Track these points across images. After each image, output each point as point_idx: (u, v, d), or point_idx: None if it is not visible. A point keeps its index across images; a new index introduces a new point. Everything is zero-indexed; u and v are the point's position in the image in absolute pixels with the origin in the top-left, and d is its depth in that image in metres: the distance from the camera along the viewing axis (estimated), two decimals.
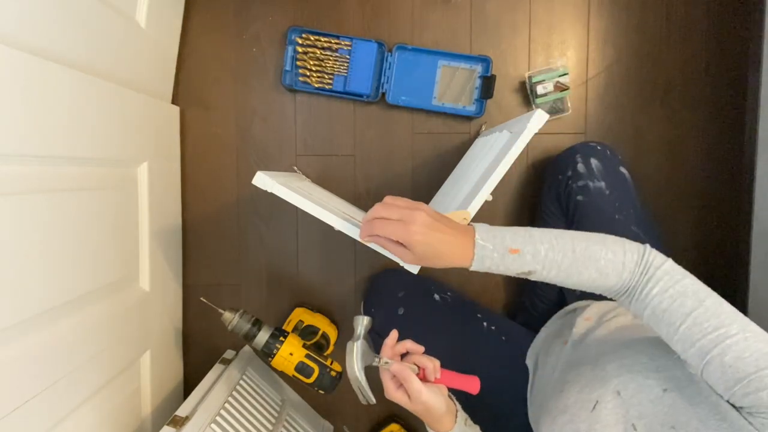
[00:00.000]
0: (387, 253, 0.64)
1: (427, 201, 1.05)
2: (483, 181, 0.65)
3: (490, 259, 0.54)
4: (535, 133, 0.63)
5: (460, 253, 0.54)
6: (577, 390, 0.56)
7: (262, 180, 0.63)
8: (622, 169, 0.84)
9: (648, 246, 0.54)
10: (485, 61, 1.00)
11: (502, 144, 0.71)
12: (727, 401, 0.45)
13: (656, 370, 0.51)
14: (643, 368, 0.52)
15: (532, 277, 0.55)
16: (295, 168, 1.04)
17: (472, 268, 0.55)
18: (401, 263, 0.63)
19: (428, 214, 0.55)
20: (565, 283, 0.55)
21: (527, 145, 0.63)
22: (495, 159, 0.68)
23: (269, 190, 0.63)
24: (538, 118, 0.62)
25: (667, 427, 0.47)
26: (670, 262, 0.52)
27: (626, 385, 0.52)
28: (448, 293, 0.88)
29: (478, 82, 1.01)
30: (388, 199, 0.58)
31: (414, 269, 0.63)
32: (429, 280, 0.93)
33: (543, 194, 0.94)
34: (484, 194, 0.64)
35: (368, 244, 0.62)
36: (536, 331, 0.83)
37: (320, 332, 1.00)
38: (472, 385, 0.65)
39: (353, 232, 0.63)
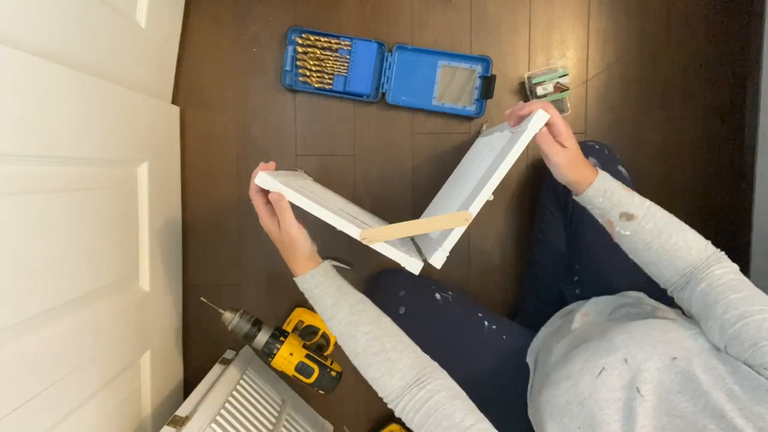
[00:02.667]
0: (388, 253, 0.64)
1: (427, 200, 1.05)
2: (484, 181, 0.65)
3: (609, 182, 0.63)
4: (536, 133, 0.63)
5: (590, 170, 0.64)
6: (583, 360, 0.57)
7: (264, 179, 0.63)
8: (621, 168, 0.84)
9: (728, 270, 0.58)
10: (485, 61, 1.00)
11: (503, 144, 0.71)
12: (744, 362, 0.48)
13: (667, 342, 0.53)
14: (652, 340, 0.54)
15: (627, 227, 0.62)
16: (297, 168, 1.04)
17: (595, 183, 0.63)
18: (403, 264, 0.63)
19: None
20: (649, 246, 0.60)
21: (528, 146, 0.63)
22: (496, 159, 0.68)
23: (271, 189, 0.63)
24: (539, 118, 0.62)
25: (674, 392, 0.49)
26: (737, 267, 0.58)
27: (634, 354, 0.53)
28: (449, 292, 0.88)
29: (478, 82, 1.01)
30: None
31: (416, 269, 0.64)
32: (430, 279, 0.93)
33: (542, 194, 0.94)
34: (486, 194, 0.64)
35: (370, 245, 0.62)
36: (536, 330, 0.83)
37: (320, 332, 1.00)
38: None
39: (354, 232, 0.63)
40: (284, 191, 0.63)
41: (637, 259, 0.64)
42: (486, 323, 0.83)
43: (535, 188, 1.05)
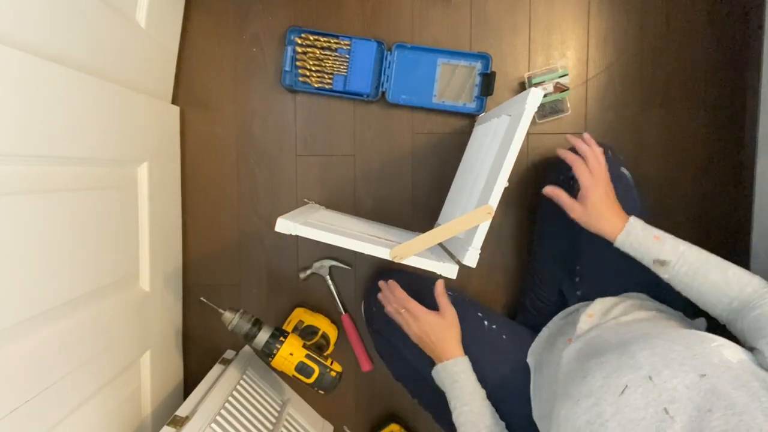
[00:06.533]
0: (421, 265, 0.67)
1: (427, 200, 1.05)
2: (496, 170, 0.65)
3: (635, 235, 0.67)
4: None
5: (616, 223, 0.70)
6: (603, 376, 0.54)
7: (285, 225, 0.65)
8: (624, 171, 0.84)
9: None
10: (485, 58, 1.00)
11: (504, 129, 0.71)
12: None
13: (693, 357, 0.51)
14: (677, 356, 0.51)
15: (664, 272, 0.66)
16: (306, 200, 1.04)
17: (618, 238, 0.69)
18: (438, 271, 0.67)
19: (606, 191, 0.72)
20: (690, 287, 0.64)
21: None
22: (502, 146, 0.68)
23: (293, 233, 0.65)
24: (534, 97, 0.63)
25: (704, 411, 0.46)
26: None
27: (659, 372, 0.51)
28: (449, 292, 0.88)
29: (477, 80, 1.01)
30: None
31: (453, 274, 0.67)
32: (429, 280, 0.93)
33: (543, 195, 0.94)
34: (501, 183, 0.64)
35: (402, 261, 0.65)
36: (537, 330, 0.83)
37: (320, 332, 1.00)
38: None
39: (384, 254, 0.65)
40: (308, 232, 0.65)
41: (685, 295, 0.67)
42: (486, 323, 0.83)
43: (536, 189, 1.04)
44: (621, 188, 0.83)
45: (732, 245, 1.06)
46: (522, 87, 1.03)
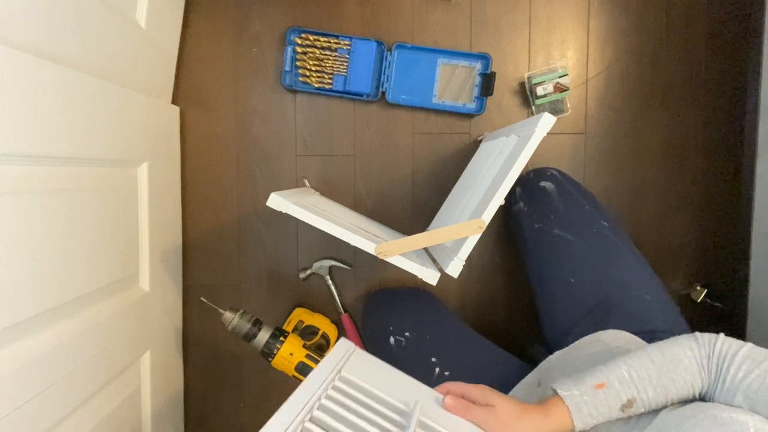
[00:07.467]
0: (404, 266, 0.65)
1: (427, 200, 1.05)
2: (495, 186, 0.65)
3: (585, 403, 0.52)
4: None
5: (559, 414, 0.53)
6: None
7: (277, 201, 0.64)
8: (543, 184, 0.86)
9: (722, 335, 0.53)
10: (485, 58, 1.00)
11: (510, 148, 0.71)
12: None
13: None
14: None
15: (638, 409, 0.53)
16: (306, 182, 1.04)
17: (575, 420, 0.52)
18: (420, 275, 0.65)
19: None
20: (669, 399, 0.53)
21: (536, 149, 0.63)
22: (505, 164, 0.68)
23: (284, 211, 0.64)
24: (546, 122, 0.62)
25: None
26: (749, 346, 0.51)
27: None
28: (406, 334, 0.83)
29: (477, 80, 1.01)
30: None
31: (433, 280, 0.65)
32: (391, 319, 0.87)
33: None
34: (498, 200, 0.63)
35: (386, 259, 0.63)
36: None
37: (320, 332, 1.00)
38: None
39: (369, 248, 0.64)
40: (299, 212, 0.64)
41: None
42: (437, 369, 0.78)
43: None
44: (539, 201, 0.85)
45: (732, 246, 1.06)
46: (522, 87, 1.03)
